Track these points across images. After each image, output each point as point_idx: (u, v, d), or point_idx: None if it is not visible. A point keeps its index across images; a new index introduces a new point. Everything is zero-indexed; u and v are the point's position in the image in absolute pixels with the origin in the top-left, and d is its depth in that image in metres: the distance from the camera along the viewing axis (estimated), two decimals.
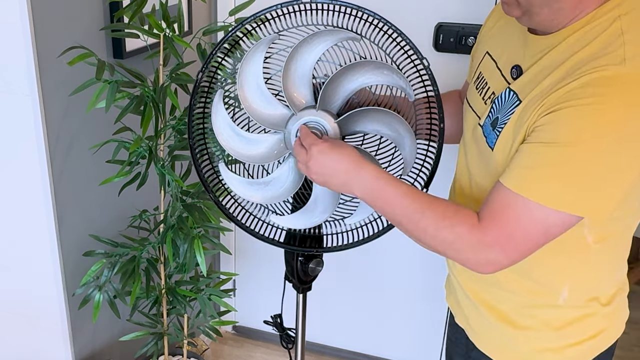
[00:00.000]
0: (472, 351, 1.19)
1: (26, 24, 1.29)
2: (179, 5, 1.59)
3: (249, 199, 1.19)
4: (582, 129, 0.86)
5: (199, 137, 1.19)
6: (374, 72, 1.08)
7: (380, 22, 1.07)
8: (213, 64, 1.15)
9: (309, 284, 1.31)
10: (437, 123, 1.11)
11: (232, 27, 1.11)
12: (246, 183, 1.19)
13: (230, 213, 1.21)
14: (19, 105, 1.37)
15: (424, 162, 1.15)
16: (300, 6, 1.08)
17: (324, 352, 2.42)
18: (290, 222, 1.19)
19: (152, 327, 1.72)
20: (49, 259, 1.52)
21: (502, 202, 0.92)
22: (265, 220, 1.23)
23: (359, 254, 1.49)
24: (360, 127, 1.12)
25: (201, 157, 1.20)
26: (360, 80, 1.09)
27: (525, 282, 1.06)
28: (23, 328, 1.64)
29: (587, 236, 1.00)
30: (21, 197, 1.47)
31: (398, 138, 1.11)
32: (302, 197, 1.21)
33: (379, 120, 1.11)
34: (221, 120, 1.14)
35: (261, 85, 1.11)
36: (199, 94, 1.16)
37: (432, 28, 1.88)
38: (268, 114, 1.12)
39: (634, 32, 0.88)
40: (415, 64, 1.09)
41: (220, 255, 2.40)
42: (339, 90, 1.10)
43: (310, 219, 1.18)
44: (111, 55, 1.58)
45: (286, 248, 1.24)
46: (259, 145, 1.14)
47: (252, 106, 1.12)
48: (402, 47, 1.08)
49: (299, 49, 1.08)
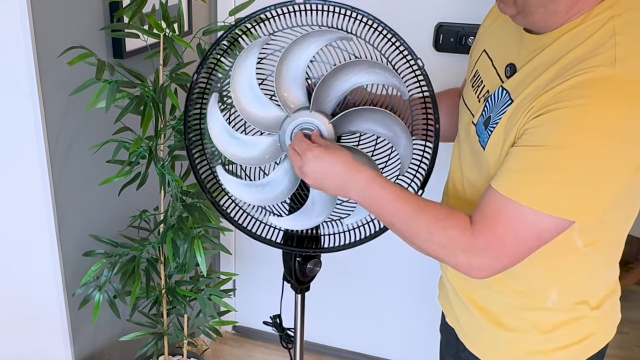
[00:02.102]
0: (462, 352, 1.19)
1: (26, 24, 1.29)
2: (179, 5, 1.59)
3: (247, 201, 1.19)
4: (570, 131, 0.85)
5: (196, 137, 1.19)
6: (366, 71, 1.08)
7: (375, 23, 1.07)
8: (209, 64, 1.15)
9: (307, 284, 1.31)
10: (433, 124, 1.11)
11: (227, 28, 1.11)
12: (244, 185, 1.19)
13: (228, 214, 1.21)
14: (19, 105, 1.37)
15: (421, 163, 1.15)
16: (294, 7, 1.08)
17: (323, 352, 2.42)
18: (289, 223, 1.19)
19: (152, 327, 1.72)
20: (49, 259, 1.52)
21: (494, 206, 0.92)
22: (263, 221, 1.23)
23: (357, 254, 1.49)
24: (355, 126, 1.12)
25: (198, 158, 1.20)
26: (353, 79, 1.09)
27: (514, 284, 1.06)
28: (23, 328, 1.64)
29: (576, 240, 0.99)
30: (21, 197, 1.47)
31: (394, 137, 1.11)
32: (300, 198, 1.21)
33: (374, 119, 1.10)
34: (217, 123, 1.14)
35: (254, 88, 1.11)
36: (195, 95, 1.16)
37: (432, 28, 1.88)
38: (262, 116, 1.12)
39: (626, 33, 0.88)
40: (410, 64, 1.09)
41: (220, 255, 2.40)
42: (332, 91, 1.10)
43: (309, 219, 1.18)
44: (111, 55, 1.59)
45: (284, 249, 1.24)
46: (255, 148, 1.14)
47: (245, 108, 1.12)
48: (397, 47, 1.08)
49: (290, 51, 1.08)
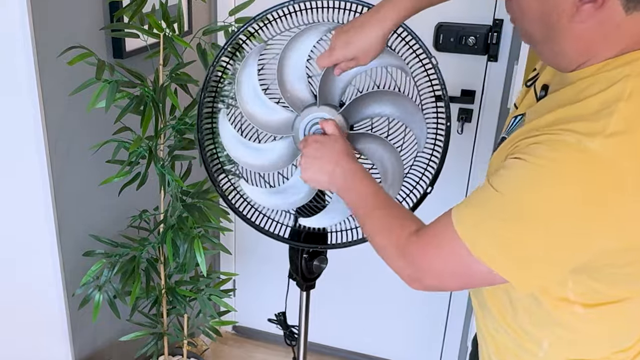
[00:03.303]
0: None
1: (26, 24, 1.29)
2: (179, 5, 1.59)
3: (274, 208, 1.20)
4: (523, 188, 0.80)
5: (207, 132, 1.20)
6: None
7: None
8: (227, 54, 1.15)
9: (313, 281, 1.32)
10: (444, 122, 1.11)
11: (246, 22, 1.12)
12: (268, 193, 1.19)
13: (237, 208, 1.21)
14: (19, 105, 1.37)
15: (430, 162, 1.15)
16: (300, 5, 1.09)
17: (324, 352, 2.42)
18: (318, 222, 1.19)
19: (152, 327, 1.72)
20: (49, 259, 1.52)
21: (441, 225, 0.87)
22: (271, 217, 1.23)
23: (357, 254, 1.49)
24: (364, 112, 1.12)
25: (210, 149, 1.21)
26: (355, 68, 1.09)
27: (512, 322, 1.01)
28: (23, 328, 1.64)
29: (569, 295, 0.92)
30: (21, 197, 1.47)
31: (406, 117, 1.11)
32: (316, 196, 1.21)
33: (383, 101, 1.10)
34: (229, 136, 1.16)
35: (260, 95, 1.13)
36: (208, 90, 1.16)
37: (432, 28, 1.88)
38: (273, 120, 1.13)
39: (635, 100, 0.77)
40: (423, 62, 1.09)
41: (220, 255, 2.40)
42: (335, 81, 1.10)
43: (339, 213, 1.18)
44: (111, 55, 1.58)
45: (291, 244, 1.24)
46: (270, 154, 1.16)
47: (255, 117, 1.13)
48: (410, 46, 1.09)
49: (289, 48, 1.09)
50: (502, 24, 1.83)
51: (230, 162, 1.20)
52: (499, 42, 1.84)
